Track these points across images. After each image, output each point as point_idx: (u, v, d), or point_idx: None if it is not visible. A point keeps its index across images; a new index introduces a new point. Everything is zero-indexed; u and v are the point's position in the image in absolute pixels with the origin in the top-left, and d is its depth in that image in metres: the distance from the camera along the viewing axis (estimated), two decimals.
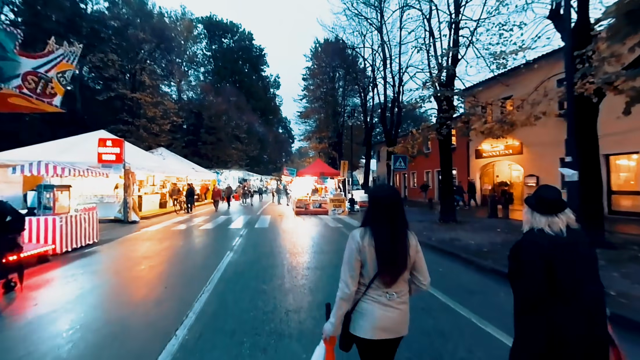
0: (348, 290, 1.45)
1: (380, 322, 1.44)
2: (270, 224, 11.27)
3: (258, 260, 5.91)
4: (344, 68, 26.57)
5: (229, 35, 52.06)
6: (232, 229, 10.09)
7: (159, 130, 22.81)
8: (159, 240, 8.19)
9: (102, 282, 4.82)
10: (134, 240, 8.23)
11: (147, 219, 12.99)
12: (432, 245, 7.15)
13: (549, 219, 1.36)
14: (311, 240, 8.21)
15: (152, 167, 13.79)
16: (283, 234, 9.04)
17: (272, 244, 7.59)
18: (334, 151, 27.93)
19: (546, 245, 1.32)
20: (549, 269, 1.29)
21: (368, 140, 20.90)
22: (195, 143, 30.95)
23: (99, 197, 12.24)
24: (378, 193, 1.58)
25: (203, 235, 9.08)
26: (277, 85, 60.37)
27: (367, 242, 1.46)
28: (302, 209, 15.27)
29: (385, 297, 1.46)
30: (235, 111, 35.86)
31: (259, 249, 7.00)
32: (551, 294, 1.28)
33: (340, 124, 27.40)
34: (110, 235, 8.77)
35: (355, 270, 1.48)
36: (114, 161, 11.45)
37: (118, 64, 20.06)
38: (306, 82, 32.20)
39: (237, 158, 36.61)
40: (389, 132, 16.80)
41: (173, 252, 6.79)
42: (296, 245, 7.37)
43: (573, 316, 1.26)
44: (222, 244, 7.64)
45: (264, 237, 8.52)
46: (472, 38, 10.35)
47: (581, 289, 1.28)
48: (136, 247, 7.30)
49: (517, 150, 14.99)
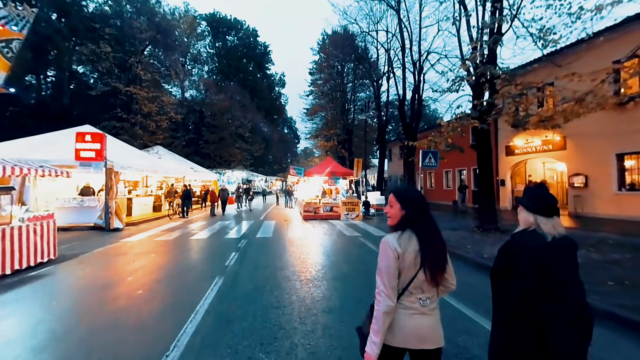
0: (392, 303, 1.35)
1: (417, 331, 1.38)
2: (274, 233, 9.55)
3: (256, 296, 4.16)
4: (354, 61, 24.80)
5: (233, 32, 50.72)
6: (229, 239, 8.39)
7: (155, 127, 21.26)
8: (137, 255, 6.52)
9: (26, 328, 3.13)
10: (105, 255, 6.57)
11: (135, 225, 11.39)
12: (484, 264, 5.30)
13: (553, 222, 1.38)
14: (325, 256, 6.44)
15: (141, 166, 12.20)
16: (290, 248, 7.29)
17: (276, 263, 5.85)
18: (343, 149, 26.10)
19: (538, 247, 1.35)
20: (538, 269, 1.33)
21: (382, 137, 19.03)
22: (196, 142, 29.48)
23: (78, 200, 10.66)
24: (410, 193, 1.51)
25: (193, 248, 7.38)
26: (283, 84, 58.87)
27: (408, 247, 1.38)
28: (311, 213, 13.52)
29: (419, 303, 1.40)
30: (238, 109, 34.33)
31: (259, 273, 5.26)
32: (540, 293, 1.32)
33: (350, 120, 25.57)
34: (79, 249, 7.14)
35: (396, 280, 1.38)
36: (93, 158, 9.86)
37: (112, 56, 18.60)
38: (313, 77, 30.42)
39: (241, 158, 35.06)
40: (408, 125, 14.88)
41: (144, 277, 5.09)
42: (308, 266, 5.61)
43: (559, 316, 1.29)
44: (212, 263, 5.92)
45: (266, 253, 6.79)
46: (515, 12, 8.50)
47: (568, 290, 1.32)
48: (102, 268, 5.63)
49: (559, 145, 13.00)
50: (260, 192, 29.04)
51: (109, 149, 11.27)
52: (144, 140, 19.74)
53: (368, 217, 13.61)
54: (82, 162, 9.87)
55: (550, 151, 13.54)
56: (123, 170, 10.94)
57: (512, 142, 15.26)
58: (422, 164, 9.29)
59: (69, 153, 9.91)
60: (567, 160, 12.78)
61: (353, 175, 14.95)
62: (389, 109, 19.31)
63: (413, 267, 1.38)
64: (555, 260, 1.31)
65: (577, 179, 12.07)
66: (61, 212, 10.56)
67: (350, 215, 13.26)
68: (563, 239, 1.36)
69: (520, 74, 10.53)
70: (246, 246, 7.44)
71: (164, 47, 24.44)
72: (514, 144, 15.24)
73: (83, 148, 9.86)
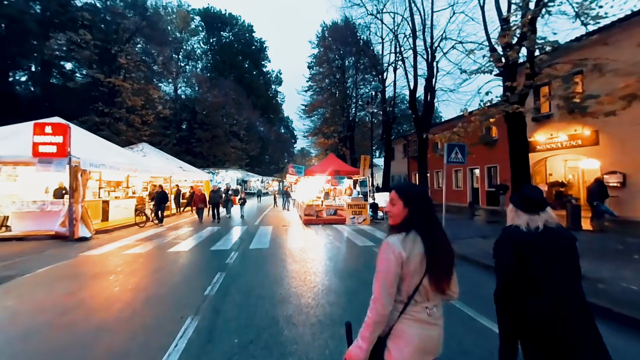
0: (385, 311, 1.25)
1: (424, 344, 1.28)
2: (272, 242, 8.03)
3: (244, 356, 2.65)
4: (355, 54, 23.33)
5: (227, 28, 49.19)
6: (216, 252, 6.85)
7: (141, 122, 19.54)
8: (91, 278, 4.97)
9: None
10: (47, 279, 4.99)
11: (109, 232, 9.79)
12: None
13: (529, 217, 1.49)
14: (339, 279, 4.93)
15: (118, 164, 10.58)
16: (292, 265, 5.77)
17: (274, 291, 4.33)
18: (344, 147, 24.60)
19: (519, 237, 1.47)
20: (520, 257, 1.43)
21: (388, 133, 17.58)
22: (188, 140, 27.77)
23: (38, 204, 9.03)
24: (413, 189, 1.40)
25: (167, 266, 5.83)
26: (279, 82, 57.35)
27: (413, 251, 1.27)
28: (312, 216, 12.02)
29: (425, 313, 1.30)
30: (233, 106, 32.69)
31: (251, 310, 3.74)
32: (522, 281, 1.43)
33: (351, 116, 24.06)
34: (20, 268, 5.54)
35: (394, 287, 1.26)
36: (54, 154, 8.26)
37: (93, 44, 16.86)
38: (312, 71, 28.84)
39: (236, 157, 33.39)
40: (421, 119, 13.37)
41: (82, 321, 3.55)
42: (318, 297, 4.11)
43: (545, 306, 1.37)
44: (186, 292, 4.38)
45: (260, 273, 5.26)
46: None
47: (556, 281, 1.39)
48: (28, 302, 4.06)
49: (590, 140, 11.62)
50: (255, 193, 27.40)
51: (80, 144, 9.70)
52: (128, 136, 18.01)
53: (376, 221, 12.15)
54: (40, 159, 8.27)
55: (579, 147, 12.16)
56: (94, 168, 9.34)
57: (532, 138, 13.87)
58: (447, 160, 7.83)
59: (25, 148, 8.32)
60: (600, 156, 11.40)
61: (359, 174, 13.45)
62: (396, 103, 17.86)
63: (418, 272, 1.27)
64: (531, 251, 1.41)
65: (612, 178, 10.70)
66: (18, 217, 8.98)
67: (356, 219, 11.78)
68: (550, 232, 1.45)
69: (555, 56, 9.09)
70: (236, 262, 5.91)
71: (151, 39, 22.73)
72: (534, 140, 13.86)
73: (42, 142, 8.27)
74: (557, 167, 15.19)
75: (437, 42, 13.25)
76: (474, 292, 4.06)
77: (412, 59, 13.26)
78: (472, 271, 5.30)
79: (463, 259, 5.94)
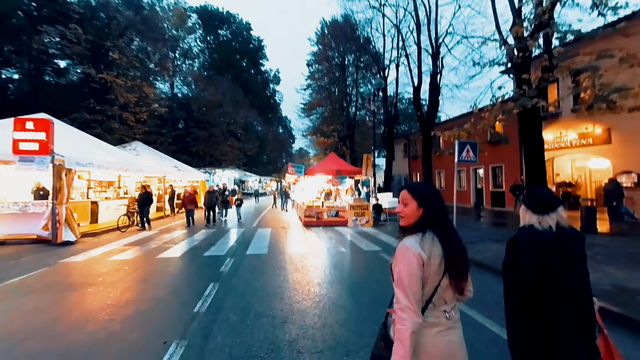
0: (419, 318, 1.14)
1: (449, 350, 1.20)
2: (270, 246, 7.49)
3: None
4: (355, 51, 22.81)
5: (225, 26, 48.50)
6: (209, 259, 6.29)
7: (134, 120, 18.87)
8: (67, 290, 4.41)
9: None
10: (17, 291, 4.42)
11: (97, 235, 9.21)
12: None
13: (539, 217, 1.44)
14: (348, 292, 4.40)
15: (107, 162, 9.99)
16: (293, 274, 5.24)
17: (274, 308, 3.79)
18: (344, 146, 24.07)
19: (539, 236, 1.41)
20: (543, 262, 1.35)
21: (390, 132, 17.06)
22: (184, 139, 27.10)
23: (20, 205, 8.41)
24: (427, 189, 1.34)
25: (154, 275, 5.27)
26: (277, 81, 56.71)
27: (433, 252, 1.20)
28: (313, 218, 11.49)
29: (445, 316, 1.22)
30: (230, 104, 32.06)
31: (247, 335, 3.20)
32: (543, 286, 1.34)
33: (351, 115, 23.52)
34: None
35: (421, 291, 1.18)
36: (36, 152, 7.67)
37: (84, 39, 16.18)
38: (311, 69, 28.27)
39: (234, 157, 32.76)
40: (426, 116, 12.82)
41: (52, 346, 2.99)
42: (325, 316, 3.58)
43: (564, 309, 1.31)
44: (175, 307, 3.83)
45: (259, 285, 4.72)
46: None
47: (572, 284, 1.33)
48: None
49: (602, 139, 11.17)
50: (252, 193, 26.79)
51: (66, 142, 9.13)
52: (120, 134, 17.35)
53: (380, 223, 11.63)
54: (21, 157, 7.67)
55: (590, 146, 11.72)
56: (80, 167, 8.76)
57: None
58: (458, 159, 7.33)
59: (5, 146, 7.72)
60: (613, 156, 10.95)
61: (362, 173, 12.93)
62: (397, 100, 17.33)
63: (437, 274, 1.20)
64: (550, 253, 1.36)
65: (627, 178, 10.25)
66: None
67: (359, 220, 11.26)
68: (563, 233, 1.40)
69: (573, 48, 8.60)
70: (231, 271, 5.36)
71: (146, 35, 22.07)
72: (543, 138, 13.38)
73: (23, 138, 7.68)
74: (565, 167, 14.77)
75: (442, 37, 12.75)
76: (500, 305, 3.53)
77: (416, 55, 12.78)
78: (490, 280, 4.79)
79: (479, 266, 5.43)
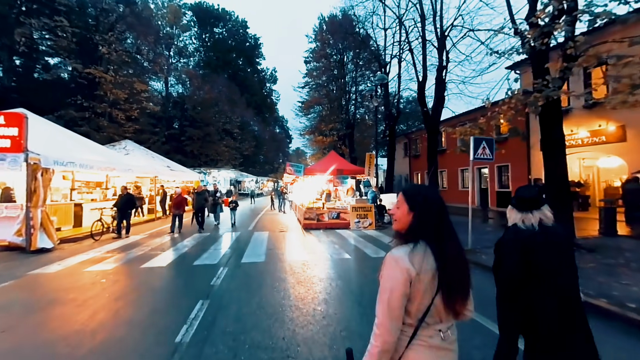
0: (392, 338, 1.04)
1: None
2: (268, 252, 6.82)
3: None
4: (354, 48, 22.21)
5: (221, 23, 47.66)
6: (200, 269, 5.61)
7: (125, 118, 18.05)
8: (26, 312, 3.72)
9: None
10: None
11: (79, 240, 8.47)
12: (625, 316, 2.80)
13: (523, 215, 1.47)
14: (355, 307, 3.77)
15: (90, 162, 9.25)
16: (295, 288, 4.58)
17: (273, 330, 3.14)
18: (343, 146, 23.46)
19: (522, 234, 1.44)
20: (525, 257, 1.39)
21: (392, 130, 16.47)
22: (178, 138, 26.28)
23: None
24: (421, 190, 1.19)
25: (133, 290, 4.58)
26: (274, 80, 55.99)
27: (423, 266, 1.05)
28: (313, 220, 10.84)
29: (439, 337, 1.09)
30: (226, 103, 31.27)
31: None
32: (527, 280, 1.38)
33: (351, 113, 22.90)
34: None
35: (402, 309, 1.05)
36: (8, 149, 6.94)
37: (71, 32, 15.36)
38: (309, 66, 27.58)
39: (229, 157, 31.98)
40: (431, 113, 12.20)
41: None
42: (331, 341, 2.94)
43: (546, 301, 1.36)
44: (153, 335, 3.15)
45: (256, 302, 4.06)
46: None
47: (555, 277, 1.37)
48: None
49: (616, 136, 10.66)
50: (248, 194, 26.04)
51: (46, 139, 8.40)
52: (110, 133, 16.55)
53: (383, 226, 11.01)
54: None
55: (603, 144, 11.21)
56: (59, 166, 8.01)
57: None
58: (474, 157, 6.74)
59: None
60: (628, 154, 10.44)
61: (364, 173, 12.30)
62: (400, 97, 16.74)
63: (430, 291, 1.06)
64: (533, 249, 1.39)
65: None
66: None
67: (362, 223, 10.64)
68: (546, 230, 1.43)
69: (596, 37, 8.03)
70: (224, 284, 4.69)
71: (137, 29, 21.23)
72: None
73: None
74: (572, 166, 14.24)
75: (448, 30, 12.18)
76: None
77: (421, 48, 12.16)
78: None
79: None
